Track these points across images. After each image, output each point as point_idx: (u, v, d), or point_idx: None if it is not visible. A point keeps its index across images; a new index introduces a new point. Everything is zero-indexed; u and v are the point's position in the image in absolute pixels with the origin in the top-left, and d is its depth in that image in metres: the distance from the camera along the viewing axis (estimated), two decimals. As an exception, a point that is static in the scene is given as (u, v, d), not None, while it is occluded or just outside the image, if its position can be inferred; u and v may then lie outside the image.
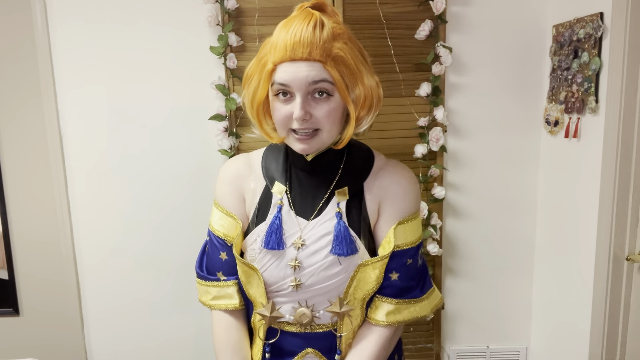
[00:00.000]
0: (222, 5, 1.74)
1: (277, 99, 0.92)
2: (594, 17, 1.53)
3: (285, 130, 0.94)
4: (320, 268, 0.96)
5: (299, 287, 0.98)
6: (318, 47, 0.88)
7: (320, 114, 0.90)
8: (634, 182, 1.49)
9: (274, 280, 0.99)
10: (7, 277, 1.96)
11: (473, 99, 1.89)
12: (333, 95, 0.91)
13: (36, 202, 1.92)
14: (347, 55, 0.91)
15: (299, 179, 1.02)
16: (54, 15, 1.79)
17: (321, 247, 0.97)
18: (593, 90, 1.56)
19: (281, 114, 0.92)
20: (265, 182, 1.03)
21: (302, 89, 0.89)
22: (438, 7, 1.74)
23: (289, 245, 0.97)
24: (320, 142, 0.93)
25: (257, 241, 0.99)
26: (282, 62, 0.90)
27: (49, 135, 1.86)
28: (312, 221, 0.98)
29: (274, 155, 1.06)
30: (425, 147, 1.83)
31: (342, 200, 0.99)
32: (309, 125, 0.91)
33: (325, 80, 0.89)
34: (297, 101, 0.89)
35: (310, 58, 0.88)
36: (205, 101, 1.84)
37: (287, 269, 0.98)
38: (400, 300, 1.01)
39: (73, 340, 2.01)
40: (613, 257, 1.53)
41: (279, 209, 0.99)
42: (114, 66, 1.83)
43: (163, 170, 1.91)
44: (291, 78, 0.89)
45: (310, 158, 0.99)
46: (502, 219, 1.98)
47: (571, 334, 1.78)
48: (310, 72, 0.88)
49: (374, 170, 1.02)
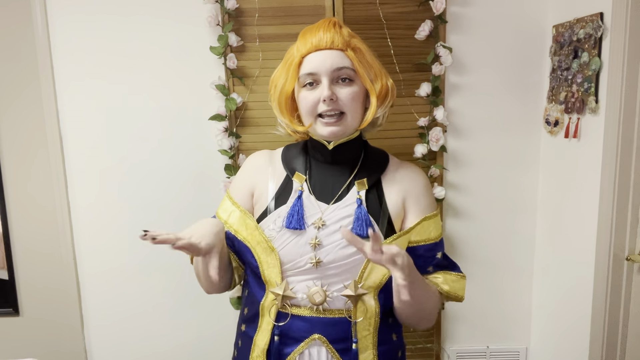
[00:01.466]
0: (222, 5, 1.74)
1: (304, 90, 1.04)
2: (594, 17, 1.53)
3: (312, 117, 1.04)
4: (339, 246, 1.02)
5: (318, 265, 1.02)
6: (339, 39, 1.03)
7: (345, 96, 1.02)
8: (634, 182, 1.49)
9: (291, 257, 1.04)
10: (7, 277, 1.96)
11: (473, 99, 1.89)
12: (354, 81, 1.04)
13: (36, 202, 1.92)
14: (364, 48, 1.06)
15: (319, 170, 1.11)
16: (54, 15, 1.79)
17: (341, 227, 1.03)
18: (593, 91, 1.56)
19: (309, 101, 1.03)
20: (286, 173, 1.11)
21: (328, 74, 1.02)
22: (438, 7, 1.74)
23: (309, 225, 1.04)
24: (345, 126, 1.04)
25: (277, 222, 1.05)
26: (309, 52, 1.03)
27: (49, 135, 1.86)
28: (333, 205, 1.06)
29: (293, 151, 1.16)
30: (425, 147, 1.83)
31: (361, 189, 1.07)
32: (335, 107, 1.02)
33: (347, 67, 1.03)
34: (324, 84, 1.01)
35: (333, 47, 1.03)
36: (205, 101, 1.84)
37: (305, 247, 1.03)
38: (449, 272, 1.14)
39: (73, 340, 2.01)
40: (613, 257, 1.53)
41: (299, 194, 1.07)
42: (113, 66, 1.83)
43: (163, 170, 1.91)
44: (318, 65, 1.02)
45: (332, 146, 1.08)
46: (502, 219, 1.98)
47: (571, 334, 1.78)
48: (335, 59, 1.02)
49: (390, 167, 1.13)
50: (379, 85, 1.06)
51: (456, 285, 1.13)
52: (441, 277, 1.12)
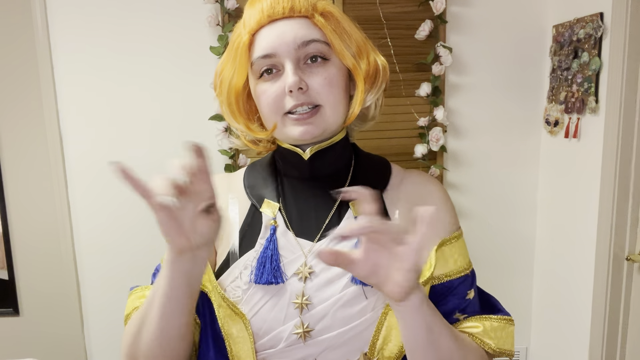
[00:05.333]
0: (222, 5, 1.74)
1: (262, 81, 0.73)
2: (594, 17, 1.53)
3: (277, 115, 0.73)
4: (337, 304, 0.69)
5: (306, 336, 0.69)
6: (302, 1, 0.71)
7: (318, 82, 0.71)
8: (634, 182, 1.49)
9: (268, 327, 0.70)
10: (7, 277, 1.96)
11: (473, 99, 1.89)
12: (329, 60, 0.72)
13: (36, 202, 1.92)
14: (338, 14, 0.74)
15: (294, 192, 0.78)
16: (54, 15, 1.79)
17: (337, 274, 0.71)
18: (593, 91, 1.56)
19: (269, 95, 0.72)
20: (251, 202, 0.79)
21: (291, 54, 0.70)
22: (438, 7, 1.74)
23: (289, 276, 0.71)
24: (323, 122, 0.72)
25: (243, 275, 0.73)
26: (261, 27, 0.72)
27: (49, 136, 1.85)
28: (320, 242, 0.74)
29: (258, 170, 0.83)
30: (425, 147, 1.83)
31: None
32: (307, 100, 0.71)
33: (316, 40, 0.71)
34: (287, 69, 0.70)
35: (293, 14, 0.71)
36: (205, 101, 1.84)
37: (289, 309, 0.70)
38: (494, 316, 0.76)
39: (73, 340, 2.00)
40: (613, 257, 1.53)
41: (272, 230, 0.74)
42: (113, 66, 1.83)
43: (163, 170, 1.90)
44: (275, 43, 0.70)
45: (309, 154, 0.76)
46: (502, 219, 1.98)
47: (571, 334, 1.78)
48: (298, 31, 0.70)
49: (394, 179, 0.79)
50: (364, 62, 0.75)
51: (503, 336, 0.75)
52: (481, 327, 0.74)
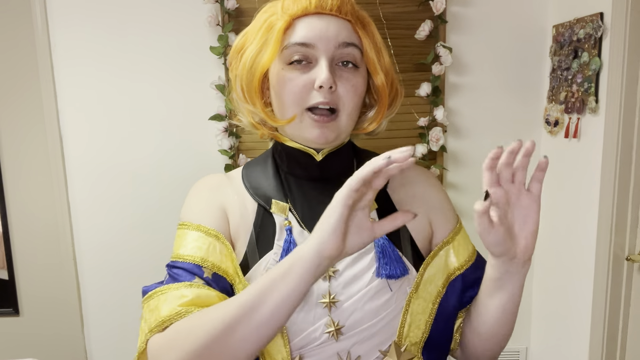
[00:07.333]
0: (222, 5, 1.74)
1: (290, 68, 0.71)
2: (594, 17, 1.53)
3: (299, 107, 0.71)
4: (364, 299, 0.71)
5: (339, 334, 0.70)
6: (348, 5, 0.71)
7: (345, 87, 0.71)
8: (634, 182, 1.49)
9: (298, 328, 0.71)
10: (7, 278, 1.96)
11: (473, 99, 1.89)
12: (359, 68, 0.73)
13: (36, 202, 1.92)
14: (374, 27, 0.76)
15: (302, 192, 0.78)
16: (54, 15, 1.79)
17: (361, 270, 0.72)
18: (593, 91, 1.56)
19: (297, 84, 0.70)
20: (257, 203, 0.77)
21: (330, 51, 0.70)
22: (438, 7, 1.74)
23: None
24: (338, 130, 0.73)
25: None
26: (305, 14, 0.71)
27: (49, 135, 1.86)
28: None
29: (258, 170, 0.81)
30: (425, 147, 1.83)
31: (372, 209, 0.76)
32: (331, 100, 0.70)
33: (355, 45, 0.71)
34: (322, 64, 0.69)
35: (340, 14, 0.71)
36: (205, 101, 1.84)
37: (317, 309, 0.71)
38: None
39: (73, 340, 2.00)
40: (613, 257, 1.53)
41: (288, 231, 0.73)
42: (113, 66, 1.83)
43: (163, 170, 1.91)
44: (317, 35, 0.69)
45: (321, 156, 0.76)
46: (502, 219, 1.98)
47: (571, 334, 1.78)
48: (342, 31, 0.70)
49: None
50: (388, 82, 0.77)
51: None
52: None
